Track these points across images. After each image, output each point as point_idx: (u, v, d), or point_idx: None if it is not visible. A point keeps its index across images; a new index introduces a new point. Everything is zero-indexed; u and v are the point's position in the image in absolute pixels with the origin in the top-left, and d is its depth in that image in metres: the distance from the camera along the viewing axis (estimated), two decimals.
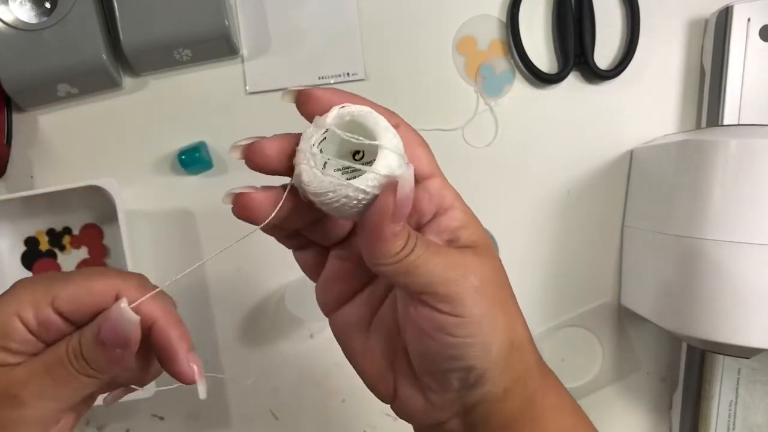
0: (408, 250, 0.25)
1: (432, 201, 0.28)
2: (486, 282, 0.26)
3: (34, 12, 0.47)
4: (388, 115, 0.28)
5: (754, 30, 0.47)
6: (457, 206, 0.28)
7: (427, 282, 0.26)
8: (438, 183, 0.28)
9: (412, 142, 0.28)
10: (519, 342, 0.28)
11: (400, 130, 0.28)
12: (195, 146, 0.50)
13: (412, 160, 0.27)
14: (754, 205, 0.40)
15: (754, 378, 0.49)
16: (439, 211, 0.28)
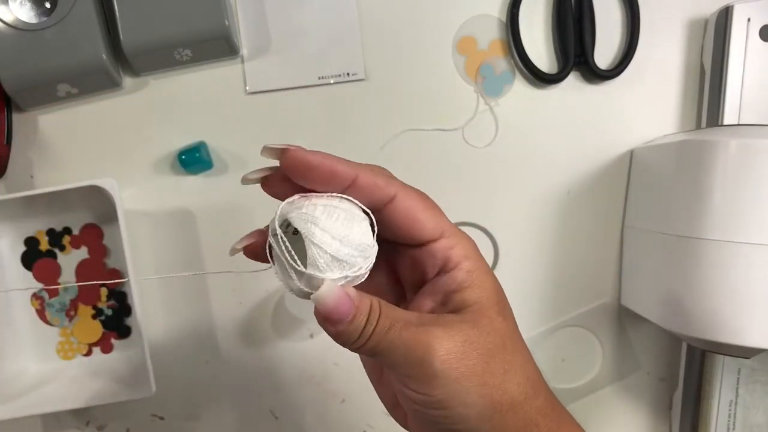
0: (364, 338, 0.26)
1: (436, 263, 0.29)
2: (451, 358, 0.26)
3: (34, 12, 0.47)
4: (384, 182, 0.28)
5: (754, 30, 0.47)
6: (463, 266, 0.29)
7: (388, 365, 0.27)
8: (445, 243, 0.29)
9: (412, 211, 0.28)
10: (509, 401, 0.28)
11: (398, 201, 0.28)
12: (195, 146, 0.50)
13: (414, 228, 0.28)
14: (754, 205, 0.40)
15: (754, 378, 0.49)
16: (443, 270, 0.29)
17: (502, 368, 0.28)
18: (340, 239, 0.26)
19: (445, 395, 0.27)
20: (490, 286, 0.29)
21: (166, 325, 0.53)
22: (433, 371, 0.26)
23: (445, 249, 0.28)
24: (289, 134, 0.52)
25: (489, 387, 0.27)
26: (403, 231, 0.28)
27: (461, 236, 0.29)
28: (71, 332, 0.53)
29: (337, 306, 0.26)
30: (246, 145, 0.52)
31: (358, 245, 0.26)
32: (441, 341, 0.27)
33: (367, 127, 0.52)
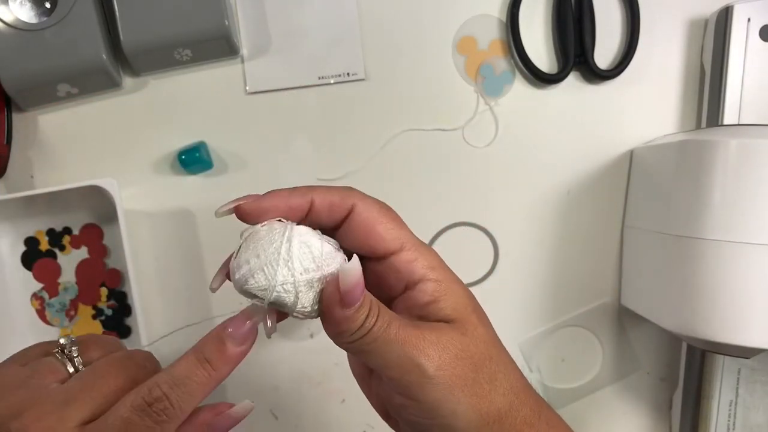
0: (363, 331, 0.26)
1: (399, 277, 0.28)
2: (445, 365, 0.26)
3: (34, 12, 0.47)
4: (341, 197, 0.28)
5: (754, 30, 0.47)
6: (429, 277, 0.28)
7: (382, 365, 0.26)
8: (406, 256, 0.28)
9: (370, 222, 0.28)
10: (496, 412, 0.27)
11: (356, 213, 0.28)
12: (195, 146, 0.50)
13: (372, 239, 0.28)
14: (754, 205, 0.40)
15: (754, 378, 0.49)
16: (409, 284, 0.28)
17: (489, 378, 0.28)
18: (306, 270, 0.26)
19: (435, 402, 0.26)
20: (463, 293, 0.29)
21: (166, 326, 0.53)
22: (428, 376, 0.26)
23: (407, 262, 0.28)
24: (289, 134, 0.52)
25: (478, 397, 0.27)
26: (363, 243, 0.28)
27: (423, 248, 0.29)
28: (71, 332, 0.53)
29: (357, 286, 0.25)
30: (246, 145, 0.52)
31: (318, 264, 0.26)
32: (435, 347, 0.26)
33: (367, 127, 0.52)
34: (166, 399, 0.26)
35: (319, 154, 0.52)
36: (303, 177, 0.53)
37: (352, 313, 0.25)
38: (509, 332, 0.54)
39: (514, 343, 0.54)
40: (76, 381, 0.28)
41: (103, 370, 0.28)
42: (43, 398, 0.27)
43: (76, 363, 0.29)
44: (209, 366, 0.27)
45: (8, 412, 0.26)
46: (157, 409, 0.26)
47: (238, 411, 0.29)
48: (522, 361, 0.54)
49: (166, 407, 0.26)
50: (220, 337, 0.27)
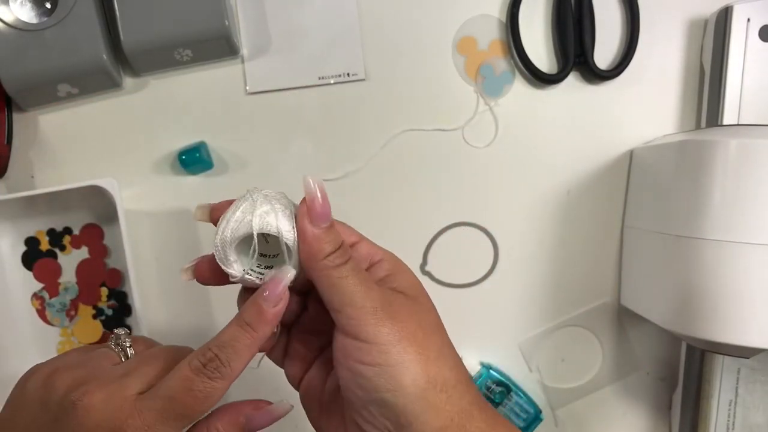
0: (336, 262, 0.29)
1: (363, 258, 0.32)
2: (402, 319, 0.29)
3: (34, 12, 0.47)
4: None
5: (754, 30, 0.47)
6: (386, 259, 0.33)
7: (345, 301, 0.29)
8: (366, 245, 0.33)
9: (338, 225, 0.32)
10: (443, 382, 0.29)
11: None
12: (195, 146, 0.51)
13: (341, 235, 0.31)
14: (754, 205, 0.40)
15: (753, 378, 0.49)
16: (372, 263, 0.32)
17: (438, 348, 0.29)
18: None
19: (383, 345, 0.28)
20: (413, 278, 0.32)
21: (166, 325, 0.53)
22: (383, 320, 0.28)
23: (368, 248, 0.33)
24: (289, 134, 0.52)
25: (426, 359, 0.28)
26: None
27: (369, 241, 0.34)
28: (72, 332, 0.53)
29: (322, 202, 0.29)
30: (246, 145, 0.52)
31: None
32: (392, 301, 0.29)
33: (367, 127, 0.52)
34: (218, 359, 0.30)
35: (319, 154, 0.53)
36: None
37: (322, 232, 0.29)
38: (509, 332, 0.54)
39: (514, 343, 0.54)
40: (131, 361, 0.33)
41: (153, 354, 0.33)
42: (104, 373, 0.31)
43: (129, 353, 0.34)
44: (250, 328, 0.30)
45: (73, 383, 0.30)
46: (211, 368, 0.30)
47: (278, 409, 0.32)
48: (522, 361, 0.54)
49: (219, 366, 0.30)
50: (257, 302, 0.30)
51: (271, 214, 0.29)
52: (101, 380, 0.30)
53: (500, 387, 0.52)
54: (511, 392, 0.52)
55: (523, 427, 0.52)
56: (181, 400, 0.29)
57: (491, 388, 0.51)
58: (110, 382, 0.30)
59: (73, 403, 0.29)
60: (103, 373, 0.31)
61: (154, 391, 0.30)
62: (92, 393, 0.29)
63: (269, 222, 0.29)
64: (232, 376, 0.30)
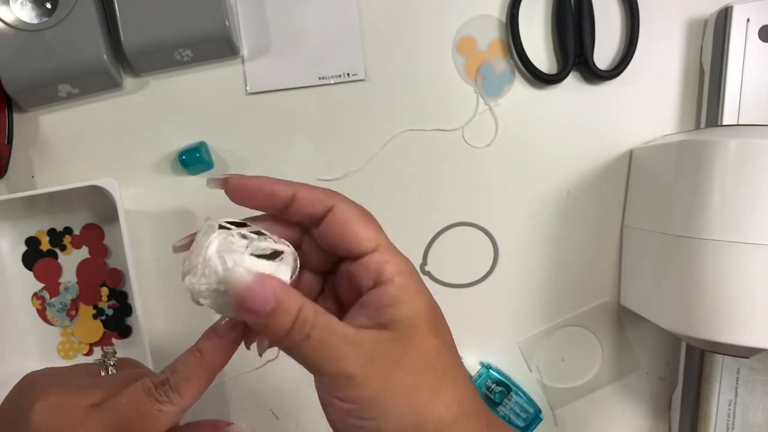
0: (295, 339, 0.27)
1: (369, 275, 0.29)
2: (383, 372, 0.27)
3: (35, 12, 0.47)
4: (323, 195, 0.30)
5: (754, 30, 0.47)
6: (396, 281, 0.29)
7: (316, 368, 0.28)
8: (378, 257, 0.29)
9: (348, 221, 0.29)
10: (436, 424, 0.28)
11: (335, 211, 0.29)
12: (195, 146, 0.51)
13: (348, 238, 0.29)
14: (754, 205, 0.40)
15: (753, 378, 0.49)
16: (376, 284, 0.29)
17: (432, 387, 0.28)
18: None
19: (367, 402, 0.27)
20: (424, 303, 0.29)
21: (167, 325, 0.53)
22: (352, 376, 0.27)
23: (378, 262, 0.29)
24: (289, 134, 0.52)
25: (414, 405, 0.27)
26: (339, 241, 0.29)
27: (396, 253, 0.30)
28: (72, 332, 0.53)
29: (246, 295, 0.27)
30: (246, 145, 0.52)
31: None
32: (360, 349, 0.27)
33: (367, 127, 0.52)
34: (168, 383, 0.30)
35: (319, 154, 0.53)
36: (303, 177, 0.53)
37: (267, 320, 0.27)
38: (509, 332, 0.54)
39: (514, 343, 0.54)
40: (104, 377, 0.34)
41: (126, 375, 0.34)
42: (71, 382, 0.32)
43: (110, 370, 0.35)
44: (200, 355, 0.30)
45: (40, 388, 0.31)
46: (160, 391, 0.30)
47: (234, 430, 0.32)
48: (522, 361, 0.54)
49: (168, 390, 0.30)
50: (209, 331, 0.31)
51: (208, 297, 0.29)
52: (63, 387, 0.31)
53: (500, 387, 0.52)
54: (511, 392, 0.52)
55: (523, 427, 0.52)
56: (128, 418, 0.29)
57: (491, 387, 0.51)
58: (70, 389, 0.31)
59: (31, 404, 0.30)
60: (71, 381, 0.32)
61: (107, 405, 0.30)
62: (49, 396, 0.30)
63: (207, 303, 0.29)
64: (182, 403, 0.30)
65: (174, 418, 0.30)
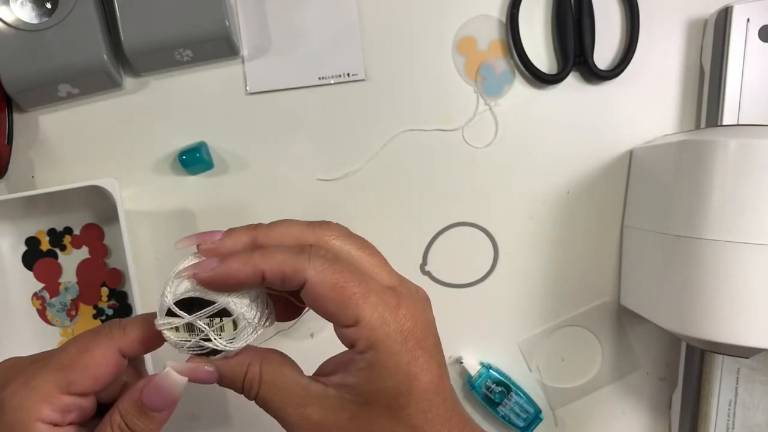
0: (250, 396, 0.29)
1: (345, 342, 0.29)
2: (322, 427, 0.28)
3: (35, 12, 0.47)
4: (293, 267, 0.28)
5: (754, 30, 0.47)
6: (366, 356, 0.28)
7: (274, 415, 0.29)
8: (354, 333, 0.28)
9: (322, 302, 0.28)
10: None
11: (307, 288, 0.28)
12: (195, 146, 0.51)
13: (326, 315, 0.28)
14: (754, 205, 0.40)
15: (753, 378, 0.49)
16: (351, 344, 0.29)
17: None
18: None
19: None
20: (389, 384, 0.28)
21: None
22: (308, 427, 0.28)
23: (352, 338, 0.28)
24: (290, 134, 0.52)
25: None
26: (318, 312, 0.28)
27: (381, 324, 0.28)
28: (72, 332, 0.53)
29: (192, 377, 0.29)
30: (246, 146, 0.52)
31: None
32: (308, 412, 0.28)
33: (367, 127, 0.52)
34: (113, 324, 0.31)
35: (319, 154, 0.53)
36: (303, 177, 0.53)
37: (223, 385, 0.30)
38: (509, 332, 0.54)
39: (514, 343, 0.54)
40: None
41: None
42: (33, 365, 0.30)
43: None
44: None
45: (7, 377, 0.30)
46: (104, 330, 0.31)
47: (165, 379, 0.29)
48: (522, 361, 0.54)
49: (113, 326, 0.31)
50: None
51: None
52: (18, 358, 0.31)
53: (500, 387, 0.52)
54: (511, 392, 0.52)
55: (523, 427, 0.52)
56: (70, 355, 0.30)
57: (491, 387, 0.51)
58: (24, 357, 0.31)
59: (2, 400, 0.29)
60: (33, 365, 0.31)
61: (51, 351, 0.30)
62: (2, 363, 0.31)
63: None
64: (124, 339, 0.30)
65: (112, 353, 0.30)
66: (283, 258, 0.28)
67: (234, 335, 0.29)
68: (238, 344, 0.29)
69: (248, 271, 0.28)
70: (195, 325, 0.28)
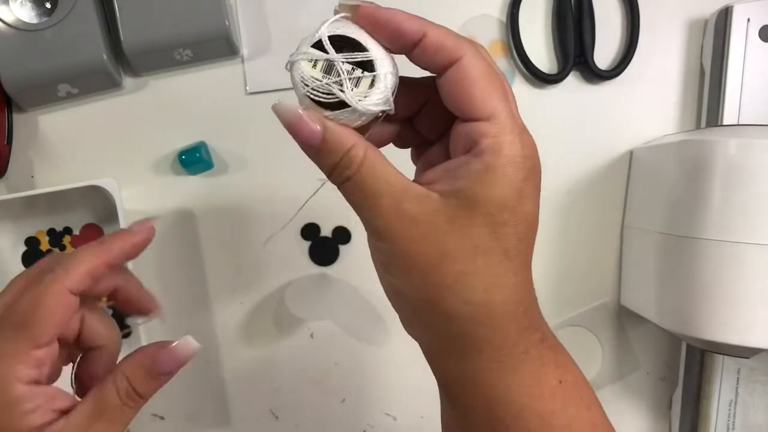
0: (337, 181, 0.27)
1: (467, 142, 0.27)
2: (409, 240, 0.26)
3: (34, 12, 0.47)
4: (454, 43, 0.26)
5: (754, 30, 0.47)
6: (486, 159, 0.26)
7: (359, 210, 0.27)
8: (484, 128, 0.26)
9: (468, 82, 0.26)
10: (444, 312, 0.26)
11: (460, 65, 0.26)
12: (195, 146, 0.51)
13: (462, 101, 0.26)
14: (754, 205, 0.40)
15: (753, 378, 0.49)
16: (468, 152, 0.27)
17: (454, 275, 0.26)
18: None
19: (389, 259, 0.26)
20: (501, 193, 0.26)
21: (166, 325, 0.53)
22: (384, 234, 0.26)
23: (480, 134, 0.26)
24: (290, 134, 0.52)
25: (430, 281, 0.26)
26: (454, 99, 0.27)
27: (510, 131, 0.27)
28: None
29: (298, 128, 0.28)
30: (246, 145, 0.52)
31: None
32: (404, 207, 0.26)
33: None
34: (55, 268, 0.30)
35: None
36: (303, 177, 0.52)
37: (313, 155, 0.28)
38: None
39: None
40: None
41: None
42: None
43: None
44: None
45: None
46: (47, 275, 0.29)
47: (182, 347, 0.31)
48: None
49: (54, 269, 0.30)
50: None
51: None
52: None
53: None
54: None
55: None
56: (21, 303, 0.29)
57: None
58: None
59: None
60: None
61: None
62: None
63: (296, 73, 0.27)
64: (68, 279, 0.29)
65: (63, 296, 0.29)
66: (447, 31, 0.27)
67: (366, 94, 0.26)
68: (367, 105, 0.26)
69: (413, 25, 0.26)
70: (334, 66, 0.26)
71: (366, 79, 0.26)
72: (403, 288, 0.27)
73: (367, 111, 0.26)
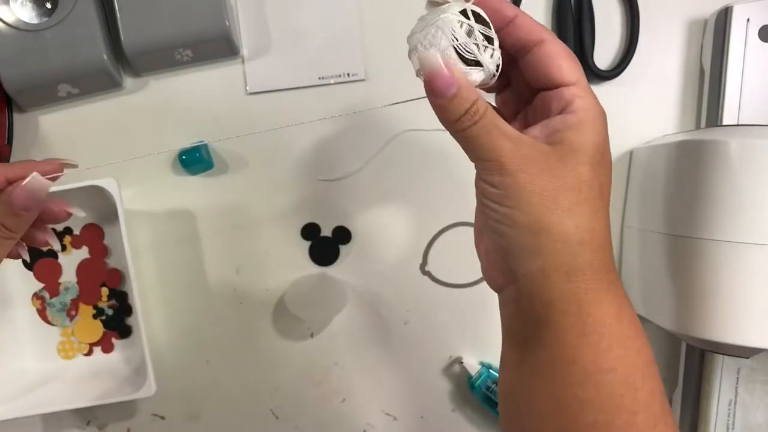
0: (465, 124, 0.31)
1: (560, 104, 0.32)
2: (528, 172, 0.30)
3: (35, 12, 0.47)
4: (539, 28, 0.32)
5: (754, 30, 0.47)
6: (579, 114, 0.31)
7: (476, 156, 0.31)
8: (575, 90, 0.32)
9: (556, 56, 0.32)
10: (560, 234, 0.30)
11: (546, 44, 0.32)
12: (196, 146, 0.51)
13: (553, 70, 0.32)
14: (754, 205, 0.40)
15: (753, 378, 0.49)
16: (562, 112, 0.32)
17: (568, 204, 0.30)
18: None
19: (507, 191, 0.30)
20: (596, 142, 0.31)
21: (166, 325, 0.53)
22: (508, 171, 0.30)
23: (572, 95, 0.31)
24: (290, 134, 0.52)
25: (547, 208, 0.30)
26: (543, 70, 0.32)
27: (591, 95, 0.32)
28: (72, 332, 0.53)
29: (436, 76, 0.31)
30: (246, 146, 0.52)
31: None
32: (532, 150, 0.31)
33: (367, 127, 0.52)
34: None
35: (320, 154, 0.53)
36: (303, 177, 0.53)
37: (446, 102, 0.31)
38: None
39: None
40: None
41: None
42: None
43: None
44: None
45: None
46: None
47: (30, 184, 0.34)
48: None
49: None
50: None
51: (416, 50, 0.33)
52: None
53: None
54: None
55: None
56: None
57: (491, 387, 0.51)
58: None
59: None
60: None
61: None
62: None
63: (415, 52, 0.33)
64: None
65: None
66: (532, 18, 0.33)
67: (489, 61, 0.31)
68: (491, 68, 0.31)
69: (508, 6, 0.32)
70: (473, 32, 0.31)
71: (489, 49, 0.31)
72: (520, 217, 0.30)
73: (490, 73, 0.31)
